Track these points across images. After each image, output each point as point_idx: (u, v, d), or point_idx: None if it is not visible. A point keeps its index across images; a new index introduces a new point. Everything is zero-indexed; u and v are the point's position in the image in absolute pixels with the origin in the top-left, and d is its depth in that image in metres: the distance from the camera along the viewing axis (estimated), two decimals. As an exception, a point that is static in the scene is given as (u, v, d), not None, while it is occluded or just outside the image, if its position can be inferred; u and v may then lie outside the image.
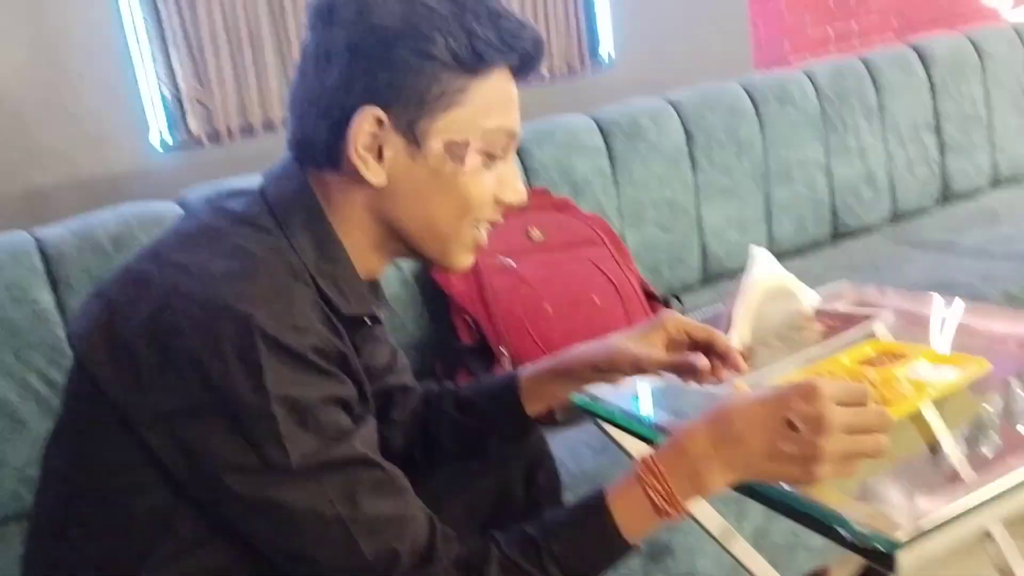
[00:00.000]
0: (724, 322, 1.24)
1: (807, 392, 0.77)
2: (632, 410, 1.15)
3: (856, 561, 1.42)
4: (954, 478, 0.90)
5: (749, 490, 0.93)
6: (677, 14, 3.28)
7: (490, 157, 0.85)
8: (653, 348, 1.00)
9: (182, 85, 2.44)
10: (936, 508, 0.79)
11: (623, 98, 2.33)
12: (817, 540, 1.66)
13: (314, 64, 0.83)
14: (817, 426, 0.76)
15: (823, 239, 2.48)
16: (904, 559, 0.76)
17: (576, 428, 1.57)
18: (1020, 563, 1.27)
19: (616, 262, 1.89)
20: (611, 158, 2.16)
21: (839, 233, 2.50)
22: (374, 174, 0.82)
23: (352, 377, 0.82)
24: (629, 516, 0.82)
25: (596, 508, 0.83)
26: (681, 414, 1.08)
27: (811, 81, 2.48)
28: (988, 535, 1.25)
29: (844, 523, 0.79)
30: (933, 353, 1.05)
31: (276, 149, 0.90)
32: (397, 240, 0.87)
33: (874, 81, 2.56)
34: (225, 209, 0.85)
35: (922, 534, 0.76)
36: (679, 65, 3.17)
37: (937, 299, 1.38)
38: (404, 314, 1.85)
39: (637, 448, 1.24)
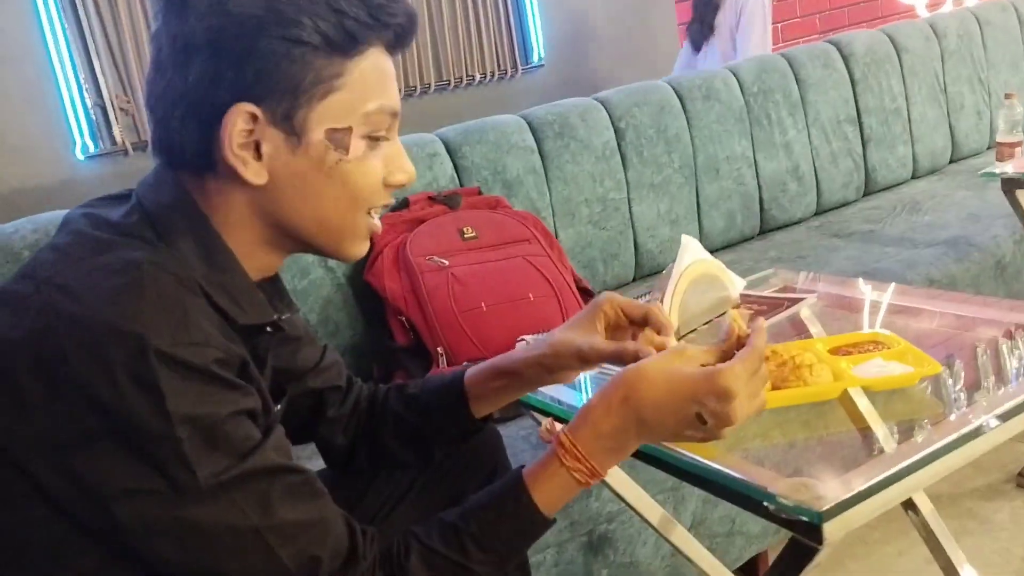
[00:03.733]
0: (654, 310, 1.26)
1: (721, 394, 0.79)
2: (570, 402, 1.16)
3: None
4: (879, 453, 0.92)
5: (683, 472, 0.94)
6: (607, 19, 3.33)
7: (374, 140, 0.82)
8: (595, 336, 0.98)
9: (106, 93, 2.39)
10: (859, 479, 0.81)
11: (554, 100, 2.35)
12: (754, 526, 1.71)
13: (172, 58, 0.77)
14: (725, 421, 0.80)
15: (752, 232, 2.53)
16: (829, 529, 0.78)
17: (514, 423, 1.57)
18: (945, 532, 1.31)
19: (550, 259, 1.90)
20: (543, 156, 2.17)
21: (767, 226, 2.56)
22: (254, 173, 0.78)
23: (255, 386, 0.78)
24: (548, 493, 0.84)
25: (514, 489, 0.84)
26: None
27: (736, 77, 2.53)
28: (912, 506, 1.29)
29: (771, 498, 0.81)
30: (892, 351, 1.07)
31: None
32: (288, 237, 0.83)
33: (796, 76, 2.63)
34: (102, 219, 0.79)
35: (846, 503, 0.78)
36: (610, 68, 3.21)
37: (863, 283, 1.42)
38: (338, 317, 1.83)
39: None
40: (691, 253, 1.26)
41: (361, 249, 0.87)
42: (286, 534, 0.75)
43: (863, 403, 0.97)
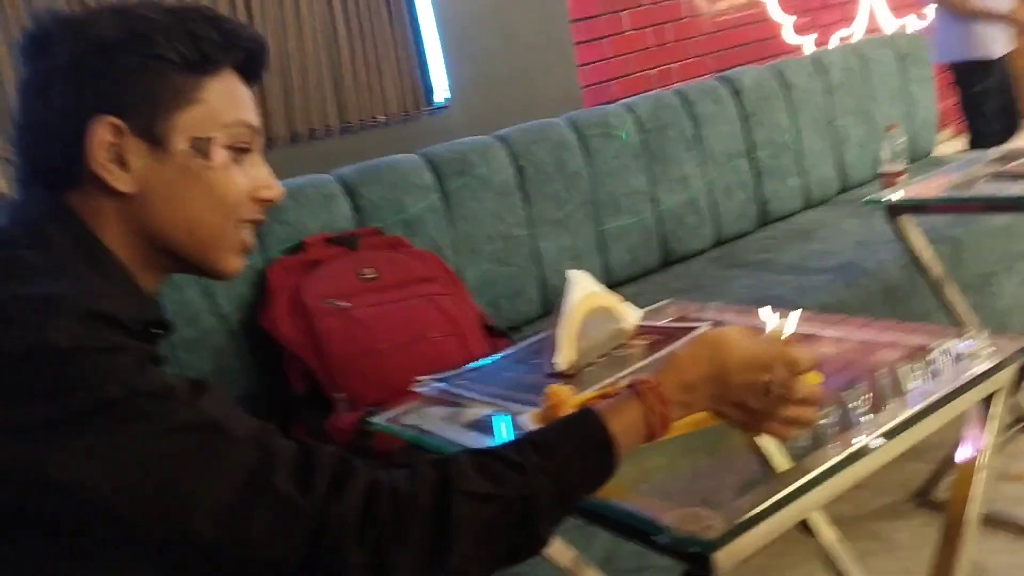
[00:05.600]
0: (549, 346, 1.25)
1: (791, 364, 0.86)
2: (462, 441, 1.13)
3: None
4: (772, 476, 0.92)
5: (580, 509, 0.92)
6: (509, 60, 3.37)
7: (238, 152, 0.84)
8: None
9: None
10: (748, 505, 0.81)
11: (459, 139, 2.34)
12: (665, 560, 1.70)
13: (36, 94, 0.81)
14: (788, 394, 0.86)
15: (654, 265, 2.56)
16: (720, 558, 0.77)
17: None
18: (846, 554, 1.32)
19: (453, 297, 1.88)
20: (444, 195, 2.16)
21: (669, 258, 2.60)
22: (120, 181, 0.80)
23: None
24: (621, 430, 0.81)
25: (583, 415, 0.83)
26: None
27: (633, 113, 2.57)
28: (813, 530, 1.30)
29: (660, 530, 0.80)
30: None
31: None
32: (162, 251, 0.84)
33: (690, 112, 2.69)
34: None
35: (735, 531, 0.77)
36: (513, 108, 3.23)
37: (764, 310, 1.44)
38: (232, 366, 1.77)
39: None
40: (581, 287, 1.26)
41: (235, 264, 0.87)
42: (225, 430, 0.70)
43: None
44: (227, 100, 0.84)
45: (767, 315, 1.42)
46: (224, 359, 1.76)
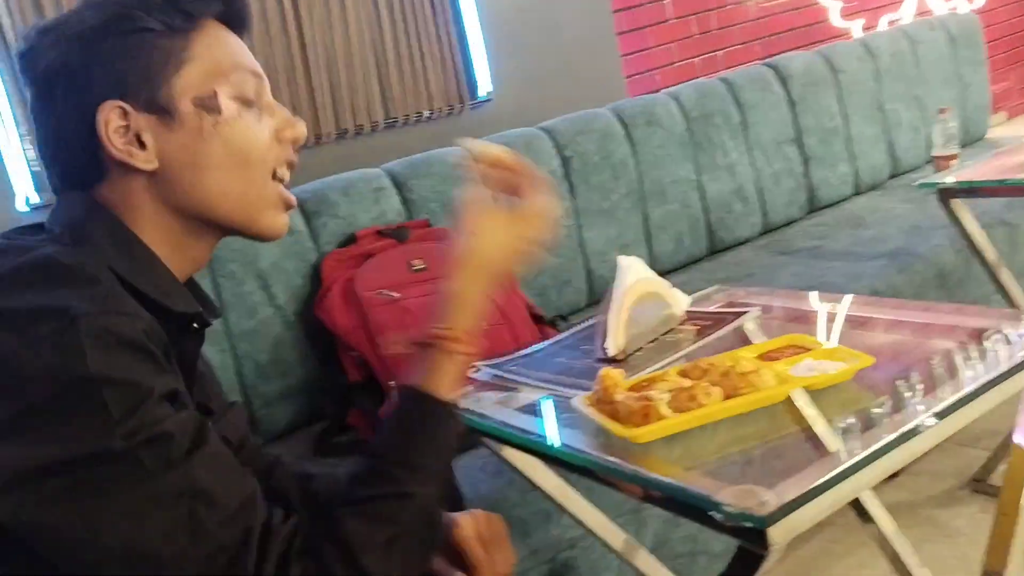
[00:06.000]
0: (600, 332, 1.26)
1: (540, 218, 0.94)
2: (522, 426, 1.15)
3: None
4: (825, 455, 0.92)
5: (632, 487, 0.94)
6: (551, 52, 3.37)
7: (247, 102, 0.84)
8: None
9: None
10: (803, 482, 0.81)
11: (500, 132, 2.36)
12: (717, 545, 1.71)
13: (41, 105, 0.82)
14: (534, 216, 0.94)
15: (701, 254, 2.56)
16: (774, 534, 0.78)
17: (470, 453, 1.56)
18: (903, 541, 1.32)
19: (501, 287, 1.90)
20: (490, 187, 2.18)
21: (716, 247, 2.59)
22: (144, 160, 0.81)
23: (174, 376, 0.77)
24: (448, 386, 0.85)
25: (415, 402, 0.84)
26: (564, 424, 1.09)
27: (677, 102, 2.57)
28: (868, 517, 1.30)
29: (716, 506, 0.81)
30: (823, 350, 1.08)
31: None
32: (201, 220, 0.84)
33: (736, 99, 2.68)
34: (16, 245, 0.79)
35: (789, 507, 0.78)
36: (556, 100, 3.24)
37: (812, 295, 1.44)
38: (289, 356, 1.81)
39: (529, 465, 1.24)
40: (632, 273, 1.27)
41: (278, 221, 0.87)
42: (214, 501, 0.71)
43: (806, 404, 0.97)
44: (218, 50, 0.83)
45: (816, 301, 1.42)
46: (281, 349, 1.80)
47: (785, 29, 4.11)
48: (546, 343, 1.40)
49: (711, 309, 1.38)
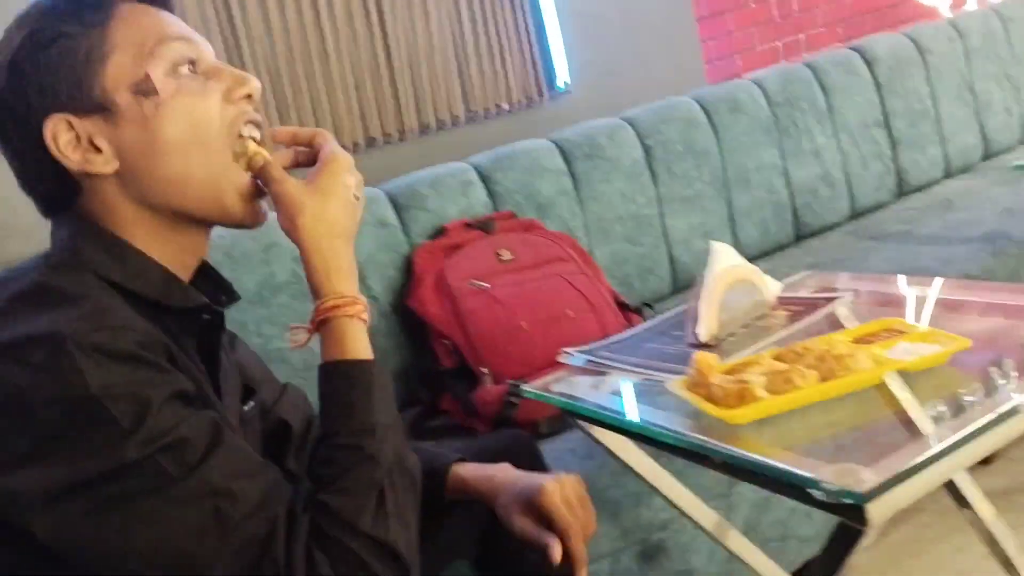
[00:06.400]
0: (691, 317, 1.29)
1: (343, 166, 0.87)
2: (617, 408, 1.18)
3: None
4: (919, 436, 0.93)
5: (732, 468, 0.97)
6: (629, 40, 3.38)
7: (183, 73, 0.82)
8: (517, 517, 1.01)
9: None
10: (900, 461, 0.83)
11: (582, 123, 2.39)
12: (808, 529, 1.71)
13: (5, 149, 0.84)
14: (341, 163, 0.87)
15: (787, 240, 2.54)
16: (874, 510, 0.80)
17: (560, 438, 1.60)
18: (1001, 526, 1.31)
19: (586, 275, 1.93)
20: (573, 178, 2.21)
21: (802, 233, 2.57)
22: (103, 164, 0.81)
23: (188, 375, 0.79)
24: (356, 347, 0.84)
25: (333, 371, 0.83)
26: (657, 406, 1.11)
27: (760, 88, 2.56)
28: (965, 501, 1.29)
29: (816, 484, 0.83)
30: (918, 333, 1.09)
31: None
32: (176, 213, 0.84)
33: (821, 84, 2.65)
34: (13, 276, 0.80)
35: (888, 484, 0.80)
36: (635, 89, 3.25)
37: (901, 278, 1.43)
38: (384, 344, 1.88)
39: (622, 447, 1.27)
40: (723, 259, 1.29)
41: (247, 209, 0.86)
42: (236, 496, 0.73)
43: (900, 387, 0.98)
44: (138, 30, 0.81)
45: (907, 285, 1.42)
46: (376, 338, 1.83)
47: (869, 10, 4.02)
48: (636, 329, 1.44)
49: (802, 295, 1.39)
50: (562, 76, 3.27)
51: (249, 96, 0.85)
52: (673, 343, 1.31)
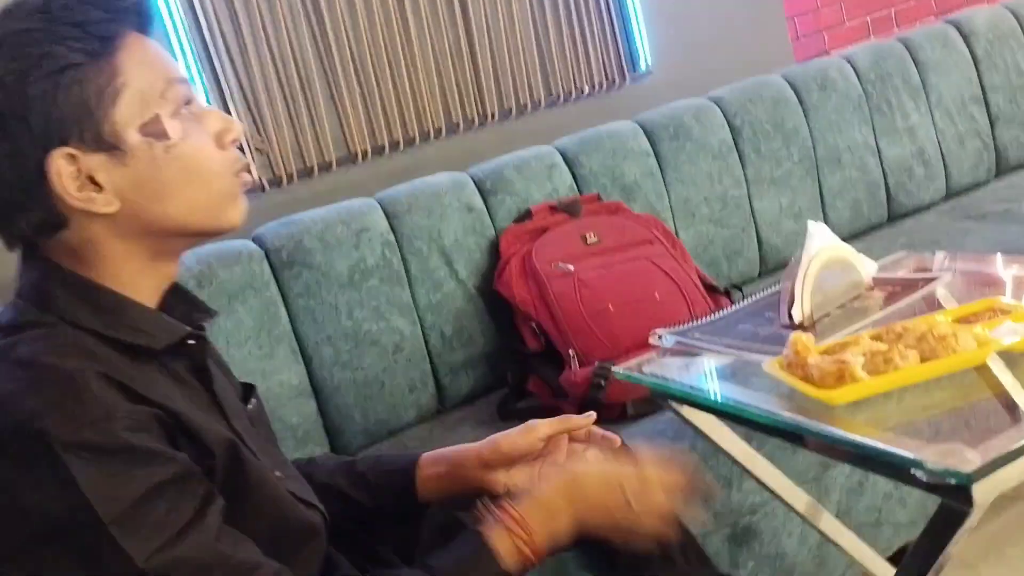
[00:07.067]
0: (785, 298, 1.27)
1: (643, 480, 0.97)
2: (705, 387, 1.18)
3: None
4: (1019, 419, 0.90)
5: (833, 449, 0.95)
6: (711, 19, 3.32)
7: (187, 114, 0.82)
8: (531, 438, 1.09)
9: (242, 136, 2.54)
10: (1006, 442, 0.81)
11: (664, 104, 2.37)
12: (902, 515, 1.68)
13: None
14: (647, 508, 0.96)
15: (880, 221, 2.48)
16: (979, 491, 0.78)
17: (649, 420, 1.60)
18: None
19: (673, 258, 1.92)
20: (659, 159, 2.20)
21: (895, 213, 2.50)
22: (104, 204, 0.79)
23: (182, 429, 0.78)
24: (503, 556, 0.90)
25: (479, 545, 0.90)
26: (751, 387, 1.11)
27: (851, 65, 2.49)
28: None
29: (919, 464, 0.82)
30: (1019, 314, 1.05)
31: (332, 189, 0.88)
32: (170, 238, 0.84)
33: (915, 60, 2.56)
34: None
35: (994, 464, 0.78)
36: (718, 69, 3.20)
37: (1001, 258, 1.39)
38: (471, 327, 1.90)
39: (714, 428, 1.27)
40: (819, 238, 1.27)
41: (238, 212, 0.86)
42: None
43: (1002, 369, 0.96)
44: (148, 69, 0.80)
45: (1006, 264, 1.37)
46: (465, 320, 1.90)
47: (965, -18, 3.87)
48: (728, 310, 1.42)
49: (899, 275, 1.36)
50: (644, 57, 3.24)
51: (235, 142, 0.86)
52: (766, 324, 1.30)
